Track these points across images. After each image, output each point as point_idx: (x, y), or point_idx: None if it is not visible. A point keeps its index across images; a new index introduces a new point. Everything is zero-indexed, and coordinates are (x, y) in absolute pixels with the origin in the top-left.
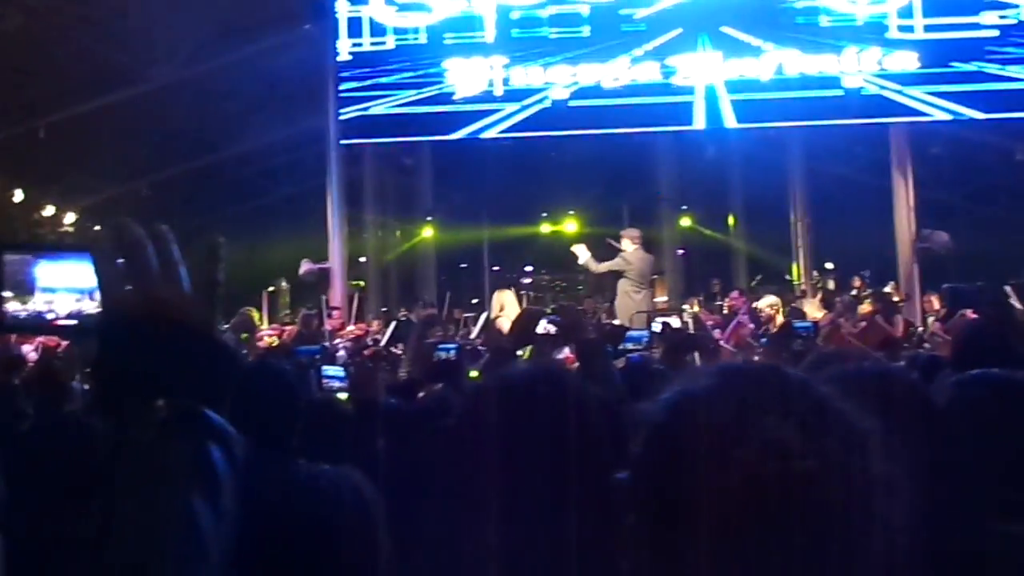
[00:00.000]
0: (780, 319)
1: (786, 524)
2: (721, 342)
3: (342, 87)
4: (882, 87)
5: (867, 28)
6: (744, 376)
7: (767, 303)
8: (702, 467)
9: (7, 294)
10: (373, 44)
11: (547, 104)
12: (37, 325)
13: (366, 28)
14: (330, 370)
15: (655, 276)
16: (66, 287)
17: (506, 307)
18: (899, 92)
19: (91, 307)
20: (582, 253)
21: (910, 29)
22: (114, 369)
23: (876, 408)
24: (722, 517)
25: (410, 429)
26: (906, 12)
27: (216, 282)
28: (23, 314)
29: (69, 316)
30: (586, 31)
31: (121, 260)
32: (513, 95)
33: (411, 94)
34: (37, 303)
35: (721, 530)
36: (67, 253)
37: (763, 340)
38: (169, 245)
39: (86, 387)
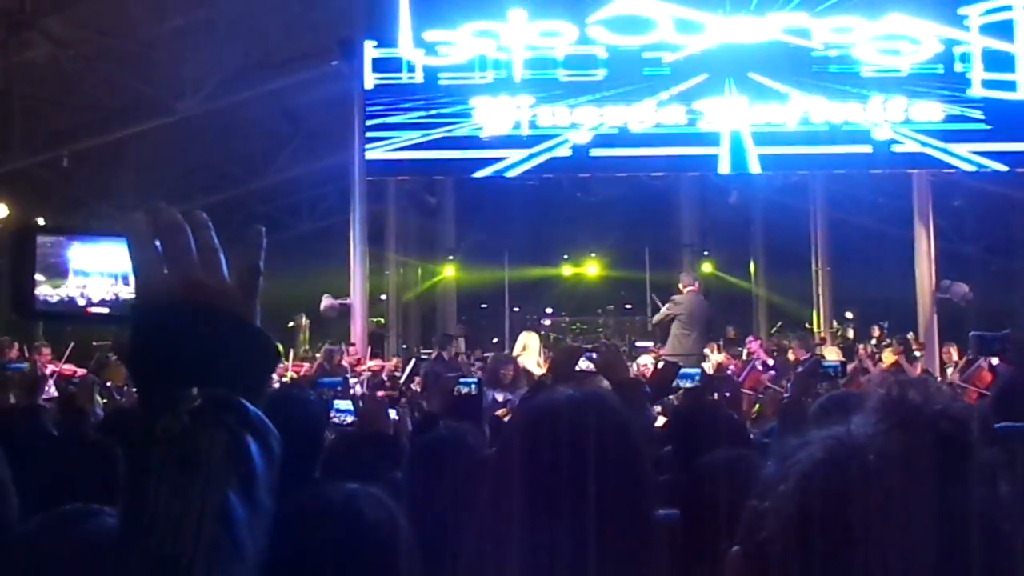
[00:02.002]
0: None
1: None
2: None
3: (368, 123)
4: (907, 137)
5: (943, 79)
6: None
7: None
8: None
9: (39, 277)
10: (397, 79)
11: (572, 145)
12: (69, 311)
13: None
14: (340, 404)
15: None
16: (100, 271)
17: (528, 348)
18: (924, 143)
19: (125, 292)
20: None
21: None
22: (147, 356)
23: None
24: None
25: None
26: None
27: (257, 269)
28: (55, 299)
29: (102, 303)
30: (600, 74)
31: (158, 244)
32: (540, 134)
33: (438, 131)
34: (70, 288)
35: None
36: (102, 236)
37: (786, 382)
38: (208, 231)
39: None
